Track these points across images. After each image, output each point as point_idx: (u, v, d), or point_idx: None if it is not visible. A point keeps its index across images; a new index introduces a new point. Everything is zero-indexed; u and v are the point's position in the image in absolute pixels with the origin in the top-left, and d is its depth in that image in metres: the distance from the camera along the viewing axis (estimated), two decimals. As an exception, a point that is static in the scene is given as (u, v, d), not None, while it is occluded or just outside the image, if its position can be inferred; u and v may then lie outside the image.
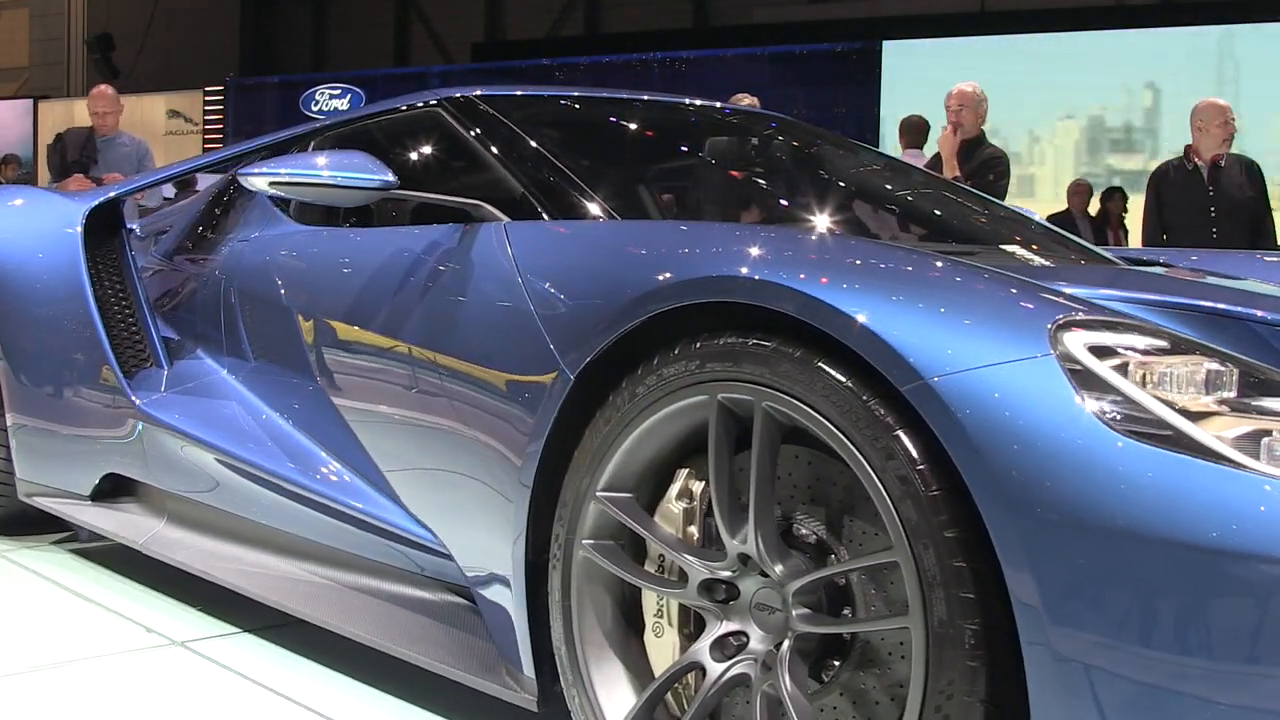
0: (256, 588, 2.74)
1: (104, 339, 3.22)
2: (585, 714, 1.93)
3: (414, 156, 3.04)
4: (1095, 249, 3.01)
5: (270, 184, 2.50)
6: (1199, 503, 1.39)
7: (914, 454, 1.55)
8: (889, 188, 3.39)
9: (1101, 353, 1.52)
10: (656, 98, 3.36)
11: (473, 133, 2.77)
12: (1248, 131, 6.85)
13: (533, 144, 2.69)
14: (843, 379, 1.62)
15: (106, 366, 3.20)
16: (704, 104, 3.45)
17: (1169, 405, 1.48)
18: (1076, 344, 1.52)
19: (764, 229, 2.39)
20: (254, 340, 3.00)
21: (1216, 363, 1.54)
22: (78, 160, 7.03)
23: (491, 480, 2.14)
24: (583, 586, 1.95)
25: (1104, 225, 9.89)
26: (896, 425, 1.57)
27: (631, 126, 3.24)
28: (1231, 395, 1.52)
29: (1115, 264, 2.83)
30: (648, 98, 3.34)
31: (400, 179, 2.48)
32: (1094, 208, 10.03)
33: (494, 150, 2.69)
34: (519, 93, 3.14)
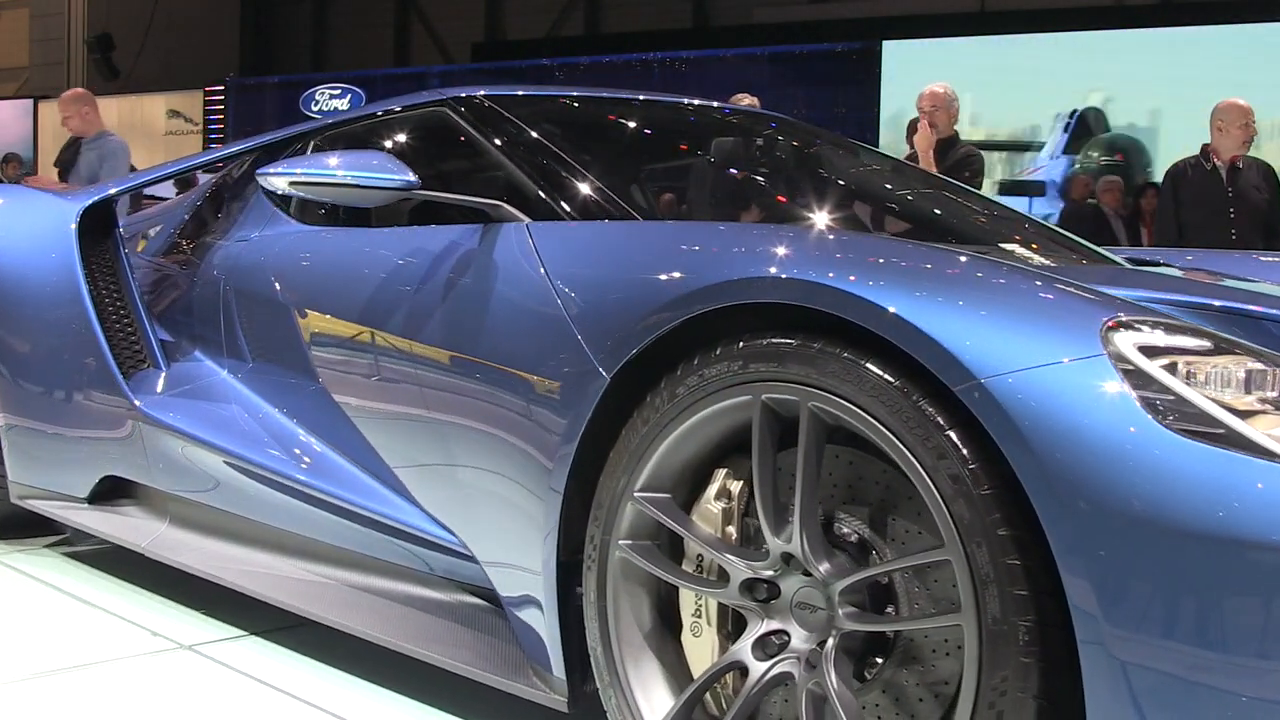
0: (269, 590, 2.71)
1: (101, 339, 3.16)
2: (623, 714, 1.93)
3: (421, 156, 3.02)
4: (1095, 249, 3.05)
5: (290, 184, 2.48)
6: (1255, 499, 1.42)
7: (966, 453, 1.57)
8: (889, 187, 3.41)
9: (1151, 352, 1.55)
10: (657, 98, 3.36)
11: (483, 132, 2.76)
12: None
13: (547, 144, 2.69)
14: (891, 379, 1.64)
15: (104, 367, 3.15)
16: (704, 104, 3.46)
17: (1219, 404, 1.50)
18: (1127, 344, 1.55)
19: (793, 229, 2.39)
20: (258, 341, 2.97)
21: (1258, 362, 1.57)
22: (60, 162, 7.08)
23: (520, 480, 2.13)
24: (619, 587, 1.95)
25: (1137, 222, 9.77)
26: (948, 425, 1.58)
27: (639, 127, 3.24)
28: (1274, 394, 1.55)
29: (1118, 264, 2.87)
30: (647, 98, 3.34)
31: None
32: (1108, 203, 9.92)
33: (507, 150, 2.68)
34: (520, 92, 3.14)
